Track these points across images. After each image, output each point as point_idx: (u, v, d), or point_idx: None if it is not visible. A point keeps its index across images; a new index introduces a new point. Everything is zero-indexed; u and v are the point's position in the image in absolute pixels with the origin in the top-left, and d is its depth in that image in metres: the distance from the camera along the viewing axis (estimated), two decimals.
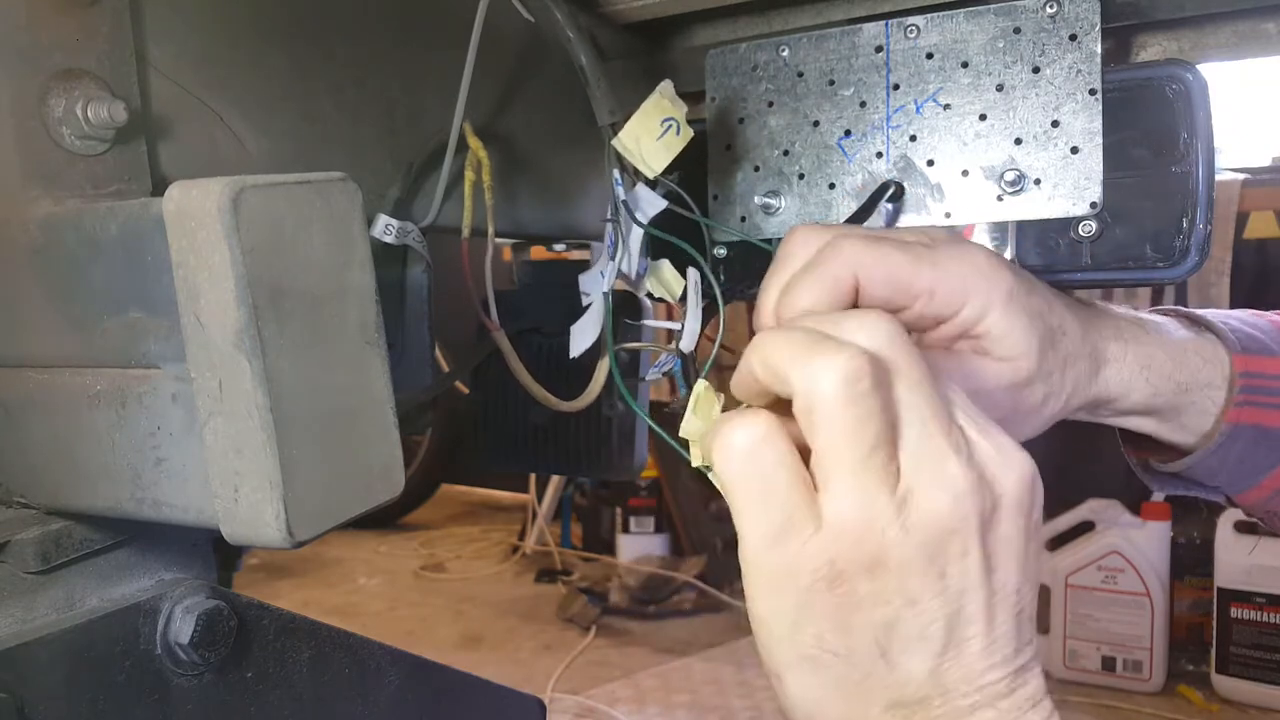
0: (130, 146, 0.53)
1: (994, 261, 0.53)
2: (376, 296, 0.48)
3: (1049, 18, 0.67)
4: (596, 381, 0.66)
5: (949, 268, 0.52)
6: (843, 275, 0.49)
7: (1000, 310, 0.52)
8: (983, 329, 0.53)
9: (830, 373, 0.39)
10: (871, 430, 0.39)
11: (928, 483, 0.40)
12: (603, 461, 0.89)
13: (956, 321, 0.53)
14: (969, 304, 0.52)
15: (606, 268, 0.63)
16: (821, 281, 0.49)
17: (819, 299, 0.49)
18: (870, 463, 0.40)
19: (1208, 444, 0.61)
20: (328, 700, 0.62)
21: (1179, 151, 0.65)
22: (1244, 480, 0.62)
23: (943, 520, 0.40)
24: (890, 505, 0.40)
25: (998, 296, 0.52)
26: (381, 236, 0.64)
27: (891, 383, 0.40)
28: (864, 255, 0.50)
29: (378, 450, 0.48)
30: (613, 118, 0.63)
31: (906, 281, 0.51)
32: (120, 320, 0.46)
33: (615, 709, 2.51)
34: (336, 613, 3.19)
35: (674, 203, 0.65)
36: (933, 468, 0.40)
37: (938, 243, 0.53)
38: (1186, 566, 2.56)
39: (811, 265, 0.50)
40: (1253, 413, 0.60)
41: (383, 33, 0.68)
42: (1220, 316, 0.63)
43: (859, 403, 0.39)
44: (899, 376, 0.41)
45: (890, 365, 0.41)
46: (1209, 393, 0.60)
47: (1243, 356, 0.60)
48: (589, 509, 3.78)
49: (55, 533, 0.53)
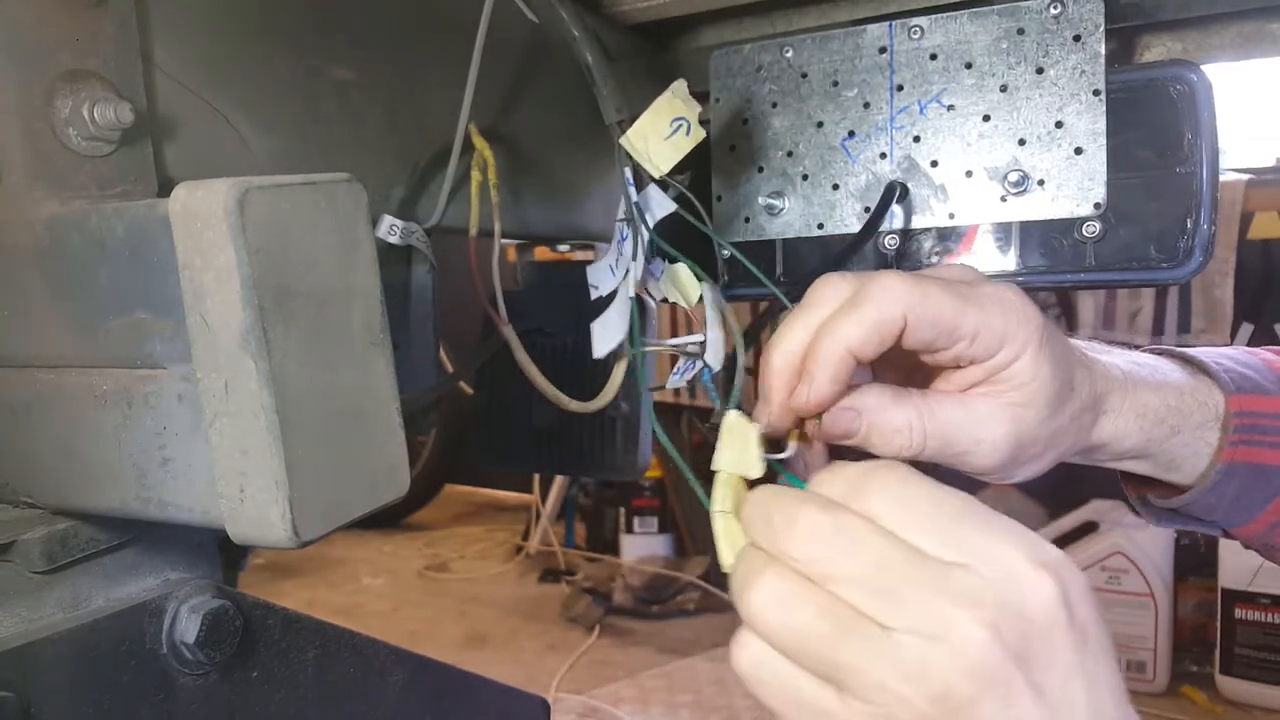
0: (136, 147, 0.53)
1: (1028, 305, 0.53)
2: (381, 297, 0.48)
3: (1053, 19, 0.67)
4: (613, 382, 0.66)
5: (991, 310, 0.51)
6: (894, 315, 0.49)
7: (1031, 356, 0.52)
8: (1009, 373, 0.53)
9: (772, 625, 0.40)
10: (842, 647, 0.38)
11: (939, 656, 0.38)
12: (606, 461, 0.89)
13: (989, 364, 0.52)
14: (1006, 347, 0.52)
15: (620, 264, 0.63)
16: (871, 320, 0.49)
17: (868, 337, 0.49)
18: (862, 662, 0.38)
19: (1204, 483, 0.61)
20: (332, 699, 0.62)
21: (1183, 152, 0.65)
22: (1241, 515, 0.62)
23: (970, 680, 0.37)
24: (909, 688, 0.38)
25: (1032, 342, 0.52)
26: (386, 237, 0.64)
27: (849, 576, 0.39)
28: (913, 296, 0.49)
29: (383, 450, 0.48)
30: (619, 116, 0.63)
31: (952, 324, 0.50)
32: (126, 321, 0.46)
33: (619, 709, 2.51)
34: (341, 612, 3.19)
35: (682, 206, 0.64)
36: (937, 639, 0.38)
37: (975, 284, 0.52)
38: (1190, 567, 2.56)
39: (860, 302, 0.50)
40: (1247, 451, 0.60)
41: (387, 35, 0.68)
42: (1213, 356, 0.63)
43: (807, 634, 0.39)
44: (858, 569, 0.39)
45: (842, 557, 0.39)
46: (1201, 433, 0.61)
47: (1237, 397, 0.60)
48: (593, 509, 3.78)
49: (61, 532, 0.53)
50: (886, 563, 0.39)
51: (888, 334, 0.49)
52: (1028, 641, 0.38)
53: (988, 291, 0.52)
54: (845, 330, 0.49)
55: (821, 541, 0.40)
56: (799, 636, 0.39)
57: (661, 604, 3.18)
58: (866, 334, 0.49)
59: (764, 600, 0.40)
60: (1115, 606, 2.52)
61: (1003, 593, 0.38)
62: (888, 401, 0.52)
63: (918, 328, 0.50)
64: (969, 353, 0.52)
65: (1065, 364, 0.55)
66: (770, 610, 0.40)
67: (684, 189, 0.65)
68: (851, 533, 0.40)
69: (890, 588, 0.38)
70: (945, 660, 0.37)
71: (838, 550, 0.40)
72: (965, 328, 0.51)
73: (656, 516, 3.56)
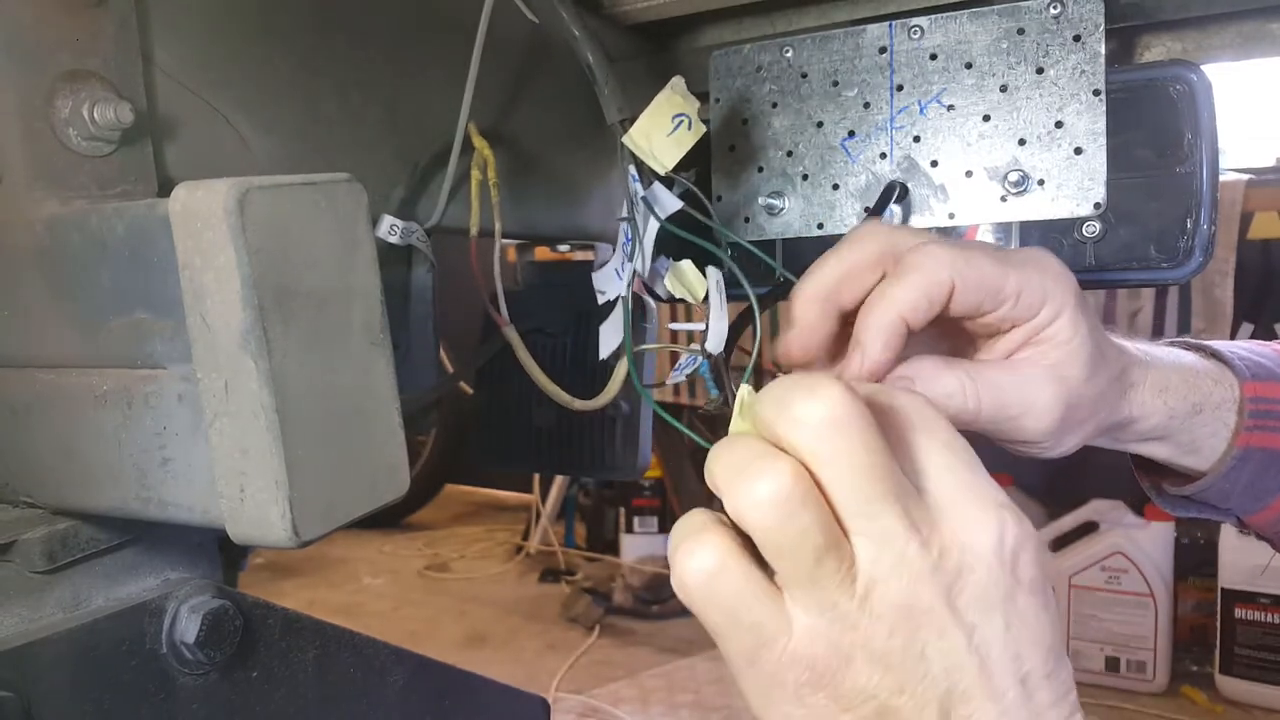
0: (136, 147, 0.53)
1: (1064, 268, 0.54)
2: (382, 297, 0.48)
3: (1053, 19, 0.67)
4: (615, 381, 0.66)
5: (1029, 271, 0.53)
6: (942, 278, 0.51)
7: (1071, 314, 0.53)
8: (1051, 332, 0.54)
9: (755, 507, 0.39)
10: (812, 543, 0.39)
11: (886, 572, 0.39)
12: (606, 461, 0.89)
13: (1032, 324, 0.54)
14: (1047, 305, 0.53)
15: (623, 266, 0.63)
16: (921, 285, 0.51)
17: (918, 302, 0.50)
18: (821, 571, 0.39)
19: (1219, 468, 0.62)
20: (333, 699, 0.62)
21: (1183, 152, 0.65)
22: (1255, 502, 0.63)
23: (908, 605, 0.39)
24: (853, 603, 0.39)
25: (1070, 299, 0.53)
26: (386, 237, 0.64)
27: (828, 481, 0.40)
28: (958, 260, 0.51)
29: (383, 450, 0.48)
30: (622, 115, 0.63)
31: (997, 285, 0.52)
32: (126, 321, 0.46)
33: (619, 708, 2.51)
34: (341, 612, 3.19)
35: (688, 202, 0.65)
36: (887, 555, 0.39)
37: (1010, 250, 0.54)
38: (1190, 567, 2.56)
39: (909, 268, 0.51)
40: (1262, 437, 0.61)
41: (387, 33, 0.68)
42: (1227, 347, 0.64)
43: (791, 523, 0.39)
44: (837, 469, 0.39)
45: (826, 458, 0.39)
46: (1220, 414, 0.61)
47: (1252, 383, 0.61)
48: (593, 509, 3.78)
49: (61, 532, 0.53)
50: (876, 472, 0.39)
51: (937, 298, 0.51)
52: (959, 574, 0.40)
53: (1025, 253, 0.54)
54: (897, 295, 0.51)
55: (825, 440, 0.39)
56: (799, 536, 0.39)
57: (661, 604, 3.18)
58: (916, 299, 0.50)
59: (764, 505, 0.39)
60: (1115, 606, 2.52)
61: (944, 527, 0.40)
62: (939, 368, 0.53)
63: (964, 290, 0.51)
64: (1013, 314, 0.53)
65: (1097, 328, 0.56)
66: (773, 513, 0.39)
67: (690, 185, 0.65)
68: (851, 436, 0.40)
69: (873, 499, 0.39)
70: (892, 579, 0.39)
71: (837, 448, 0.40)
72: (1009, 288, 0.52)
73: (656, 516, 3.56)
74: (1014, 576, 0.40)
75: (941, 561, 0.39)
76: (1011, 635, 0.40)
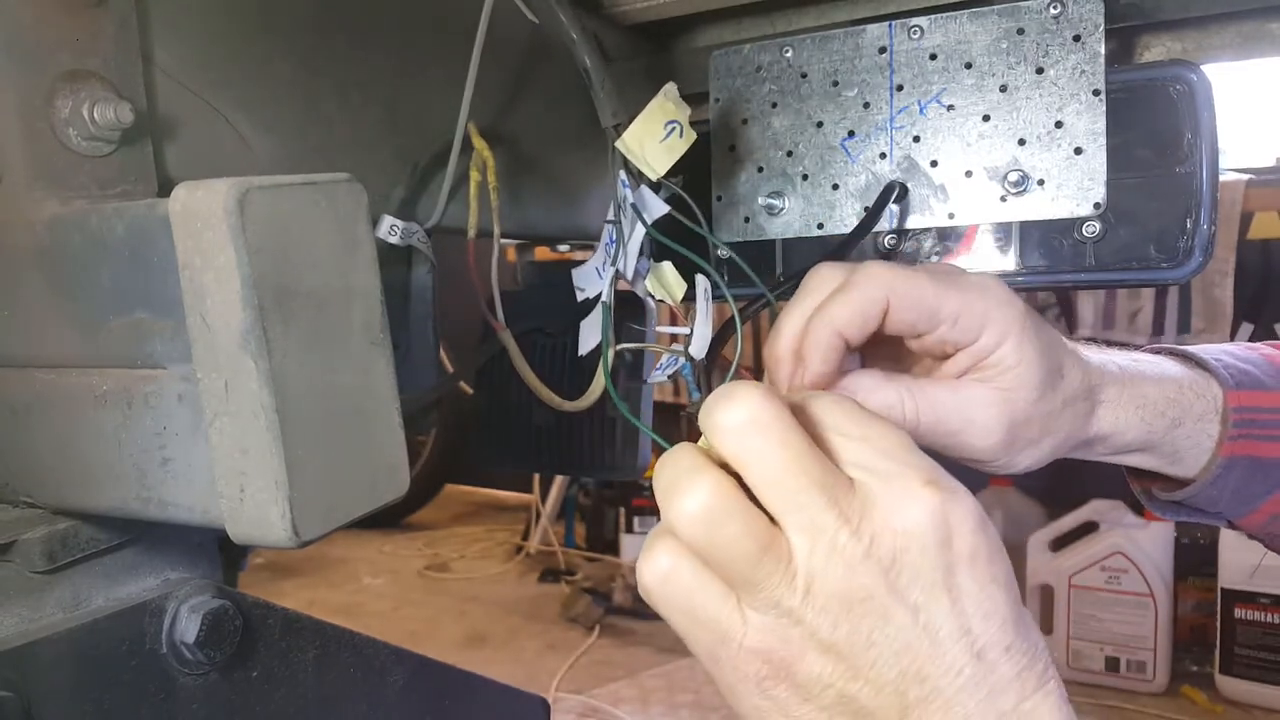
0: (136, 147, 0.53)
1: (1010, 294, 0.55)
2: (381, 297, 0.48)
3: (1053, 19, 0.67)
4: (598, 382, 0.67)
5: (971, 295, 0.54)
6: (877, 296, 0.52)
7: (1015, 341, 0.54)
8: (996, 358, 0.55)
9: (683, 523, 0.41)
10: (743, 550, 0.40)
11: (821, 564, 0.40)
12: (606, 461, 0.89)
13: (973, 349, 0.55)
14: (987, 331, 0.54)
15: (604, 268, 0.64)
16: (856, 302, 0.52)
17: (852, 318, 0.52)
18: (759, 573, 0.40)
19: (1205, 476, 0.63)
20: (332, 699, 0.62)
21: (1183, 152, 0.65)
22: (1242, 506, 0.64)
23: (847, 594, 0.40)
24: (796, 598, 0.40)
25: (1014, 327, 0.54)
26: (386, 237, 0.64)
27: (755, 482, 0.41)
28: (896, 280, 0.53)
29: (383, 450, 0.48)
30: (616, 119, 0.64)
31: (933, 306, 0.53)
32: (126, 320, 0.46)
33: (619, 708, 2.51)
34: (341, 612, 3.19)
35: (676, 207, 0.65)
36: (820, 546, 0.40)
37: (958, 274, 0.55)
38: (1190, 567, 2.56)
39: (847, 286, 0.53)
40: (1246, 445, 0.61)
41: (387, 34, 0.68)
42: (1213, 353, 0.65)
43: (718, 534, 0.40)
44: (761, 468, 0.40)
45: (748, 459, 0.41)
46: (1202, 425, 0.62)
47: (1236, 392, 0.62)
48: (593, 509, 3.78)
49: (61, 532, 0.53)
50: (798, 467, 0.40)
51: (871, 315, 0.53)
52: (895, 558, 0.40)
53: (969, 278, 0.55)
54: (834, 311, 0.53)
55: (745, 442, 0.41)
56: (728, 546, 0.40)
57: None
58: (851, 315, 0.52)
59: (693, 521, 0.40)
60: (1115, 606, 2.52)
61: (885, 506, 0.40)
62: (879, 381, 0.55)
63: (900, 309, 0.53)
64: (951, 336, 0.54)
65: (1053, 350, 0.56)
66: (703, 528, 0.40)
67: (678, 189, 0.65)
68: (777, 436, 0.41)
69: (798, 492, 0.40)
70: (828, 570, 0.40)
71: (761, 451, 0.41)
72: (946, 310, 0.53)
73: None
74: (952, 551, 0.40)
75: (873, 548, 0.40)
76: (959, 610, 0.40)
